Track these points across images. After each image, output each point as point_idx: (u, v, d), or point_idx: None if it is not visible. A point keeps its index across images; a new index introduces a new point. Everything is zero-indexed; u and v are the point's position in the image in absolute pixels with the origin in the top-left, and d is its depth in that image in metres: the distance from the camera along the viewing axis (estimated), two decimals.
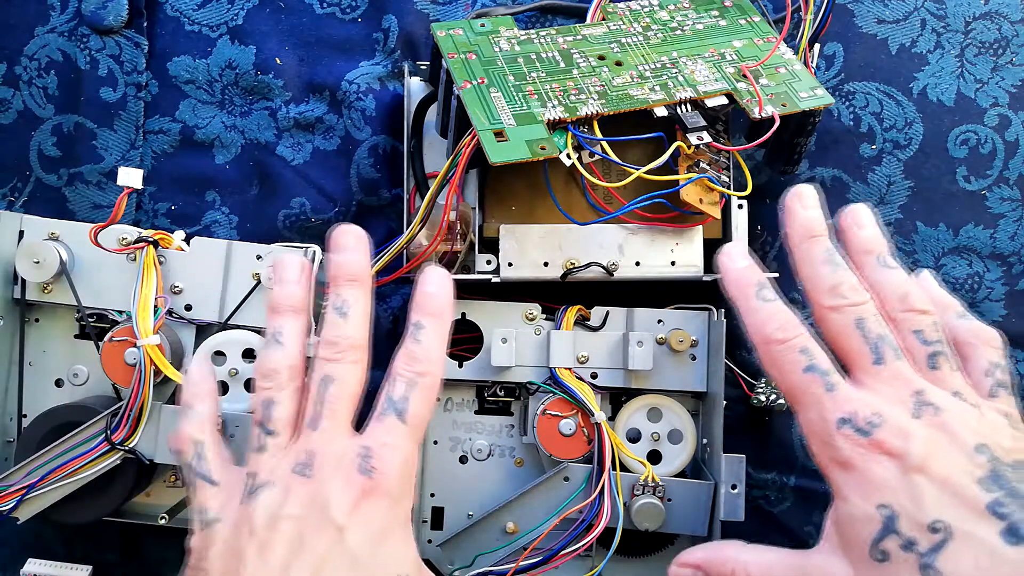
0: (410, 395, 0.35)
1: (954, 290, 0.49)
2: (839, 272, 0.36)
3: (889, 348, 0.34)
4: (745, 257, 0.38)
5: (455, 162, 0.40)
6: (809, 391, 0.34)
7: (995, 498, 0.30)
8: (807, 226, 0.37)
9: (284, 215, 0.49)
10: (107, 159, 0.49)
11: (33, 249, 0.43)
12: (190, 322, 0.44)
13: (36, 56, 0.49)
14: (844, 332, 0.35)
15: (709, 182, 0.43)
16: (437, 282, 0.37)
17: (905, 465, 0.31)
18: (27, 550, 0.48)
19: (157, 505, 0.47)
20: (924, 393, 0.33)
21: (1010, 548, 0.29)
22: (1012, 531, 0.29)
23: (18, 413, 0.45)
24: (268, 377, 0.36)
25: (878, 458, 0.32)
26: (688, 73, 0.43)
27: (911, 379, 0.34)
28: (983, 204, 0.49)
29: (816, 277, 0.36)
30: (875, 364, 0.34)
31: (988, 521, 0.30)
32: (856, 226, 0.37)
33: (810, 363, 0.34)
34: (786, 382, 0.35)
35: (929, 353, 0.35)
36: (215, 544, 0.33)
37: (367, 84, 0.49)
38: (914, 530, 0.30)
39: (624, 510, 0.43)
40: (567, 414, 0.44)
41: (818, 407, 0.34)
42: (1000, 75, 0.49)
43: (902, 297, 0.36)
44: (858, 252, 0.37)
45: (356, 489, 0.33)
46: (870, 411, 0.33)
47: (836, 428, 0.33)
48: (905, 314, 0.35)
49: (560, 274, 0.44)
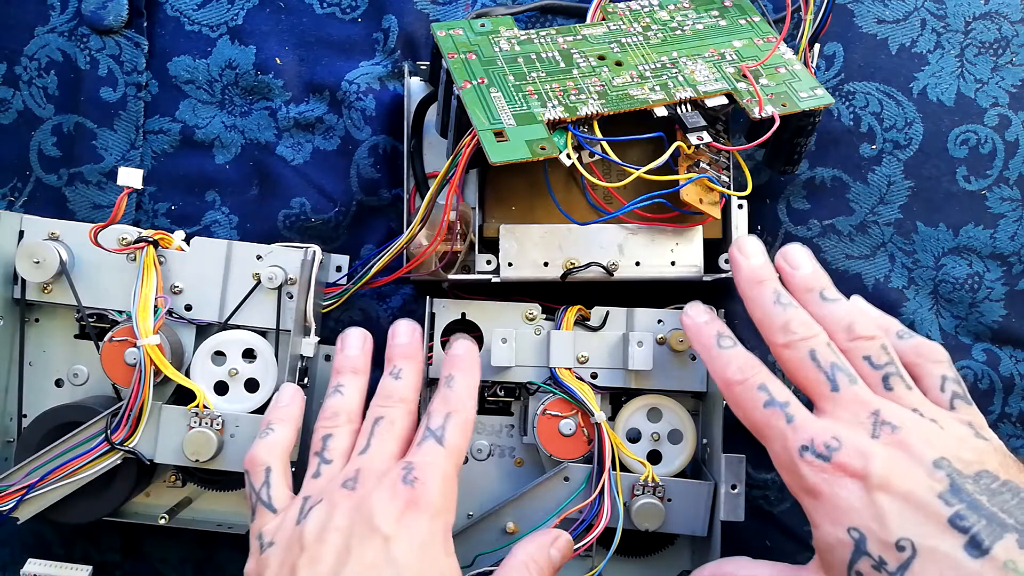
0: (447, 424, 0.38)
1: (954, 290, 0.49)
2: (788, 311, 0.37)
3: (843, 374, 0.35)
4: (705, 313, 0.41)
5: (455, 162, 0.40)
6: (770, 424, 0.35)
7: (956, 511, 0.30)
8: (752, 274, 0.39)
9: (284, 215, 0.49)
10: (107, 159, 0.49)
11: (33, 249, 0.43)
12: (190, 322, 0.44)
13: (36, 56, 0.49)
14: (800, 366, 0.36)
15: (709, 182, 0.43)
16: (463, 346, 0.42)
17: (868, 485, 0.32)
18: (27, 550, 0.48)
19: (157, 505, 0.46)
20: (881, 413, 0.34)
21: (973, 561, 0.29)
22: (974, 544, 0.30)
23: (18, 413, 0.45)
24: (329, 418, 0.40)
25: (842, 481, 0.33)
26: (688, 73, 0.43)
27: (868, 401, 0.34)
28: (983, 204, 0.49)
29: (767, 318, 0.38)
30: (832, 391, 0.35)
31: (951, 535, 0.30)
32: (791, 268, 0.39)
33: (769, 398, 0.36)
34: (750, 419, 0.36)
35: (882, 376, 0.36)
36: (270, 567, 0.35)
37: (367, 84, 0.49)
38: (882, 550, 0.31)
39: (624, 510, 0.43)
40: (567, 414, 0.44)
41: (781, 439, 0.35)
42: (1000, 75, 0.49)
43: (847, 328, 0.37)
44: (799, 291, 0.39)
45: (401, 500, 0.34)
46: (829, 435, 0.34)
47: (798, 456, 0.34)
48: (852, 343, 0.37)
49: (560, 274, 0.44)
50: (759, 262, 0.39)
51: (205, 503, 0.47)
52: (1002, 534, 0.30)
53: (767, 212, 0.49)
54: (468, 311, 0.46)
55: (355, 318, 0.50)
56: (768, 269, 0.39)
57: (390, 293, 0.50)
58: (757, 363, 0.37)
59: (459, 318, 0.46)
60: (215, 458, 0.42)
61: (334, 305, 0.47)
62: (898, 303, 0.49)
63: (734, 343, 0.38)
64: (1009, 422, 0.49)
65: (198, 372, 0.44)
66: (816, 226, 0.49)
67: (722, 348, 0.38)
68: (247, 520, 0.46)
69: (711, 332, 0.39)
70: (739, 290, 0.40)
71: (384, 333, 0.49)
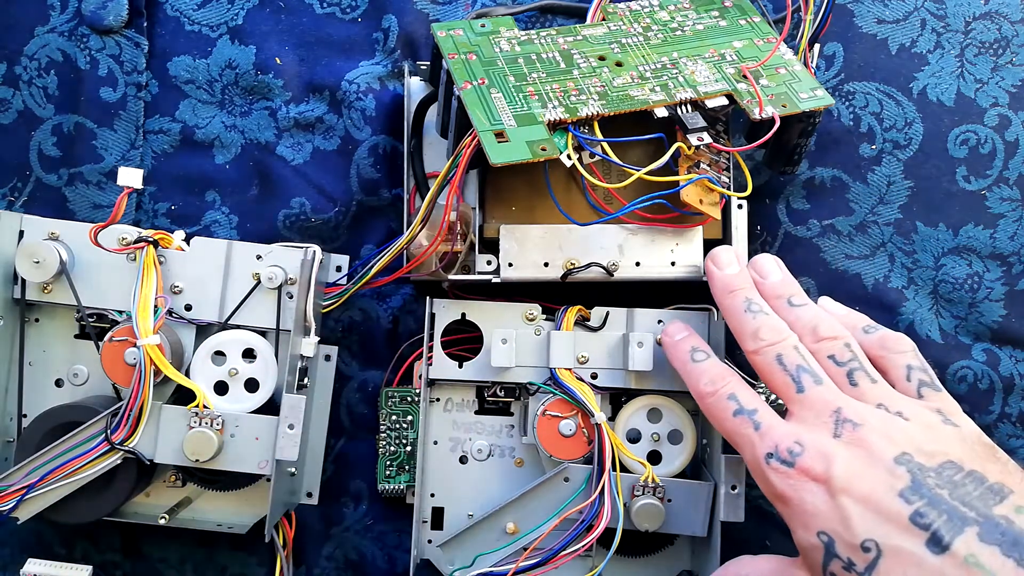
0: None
1: (954, 290, 0.49)
2: (758, 318, 0.38)
3: (808, 375, 0.36)
4: (683, 330, 0.42)
5: (455, 162, 0.40)
6: (740, 432, 0.36)
7: (916, 509, 0.31)
8: (724, 284, 0.40)
9: (284, 215, 0.49)
10: (107, 159, 0.49)
11: (33, 249, 0.43)
12: (190, 322, 0.44)
13: (36, 56, 0.49)
14: (769, 370, 0.37)
15: (709, 183, 0.43)
16: None
17: (831, 489, 0.32)
18: (27, 550, 0.48)
19: (157, 505, 0.47)
20: (842, 411, 0.34)
21: (935, 558, 0.30)
22: (935, 540, 0.30)
23: (18, 413, 0.45)
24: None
25: (807, 486, 0.33)
26: (688, 74, 0.43)
27: (830, 400, 0.35)
28: (983, 204, 0.49)
29: (740, 326, 0.39)
30: (798, 393, 0.36)
31: (912, 533, 0.30)
32: (761, 277, 0.41)
33: (738, 407, 0.36)
34: (723, 429, 0.37)
35: (846, 373, 0.36)
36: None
37: (367, 84, 0.49)
38: (850, 552, 0.31)
39: (624, 511, 0.43)
40: (567, 415, 0.44)
41: (749, 446, 0.35)
42: (1000, 75, 0.49)
43: (812, 330, 0.38)
44: (770, 299, 0.40)
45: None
46: (792, 440, 0.34)
47: (765, 463, 0.34)
48: (818, 344, 0.37)
49: (560, 274, 0.44)
50: (733, 272, 0.40)
51: (205, 503, 0.47)
52: (963, 528, 0.30)
53: (767, 212, 0.49)
54: (468, 311, 0.46)
55: (355, 318, 0.50)
56: (741, 279, 0.40)
57: (390, 293, 0.50)
58: (729, 373, 0.38)
59: (459, 318, 0.46)
60: (215, 458, 0.42)
61: (334, 305, 0.47)
62: (898, 303, 0.49)
63: (707, 356, 0.40)
64: (1009, 422, 0.49)
65: (198, 372, 0.44)
66: (816, 226, 0.49)
67: (696, 362, 0.39)
68: (247, 520, 0.46)
69: (686, 348, 0.40)
70: (716, 300, 0.41)
71: (384, 333, 0.50)
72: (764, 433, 0.35)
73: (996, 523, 0.30)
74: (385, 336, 0.50)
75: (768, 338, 0.37)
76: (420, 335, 0.48)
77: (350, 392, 0.50)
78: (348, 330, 0.50)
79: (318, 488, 0.49)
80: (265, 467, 0.43)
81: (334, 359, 0.49)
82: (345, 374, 0.50)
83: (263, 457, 0.43)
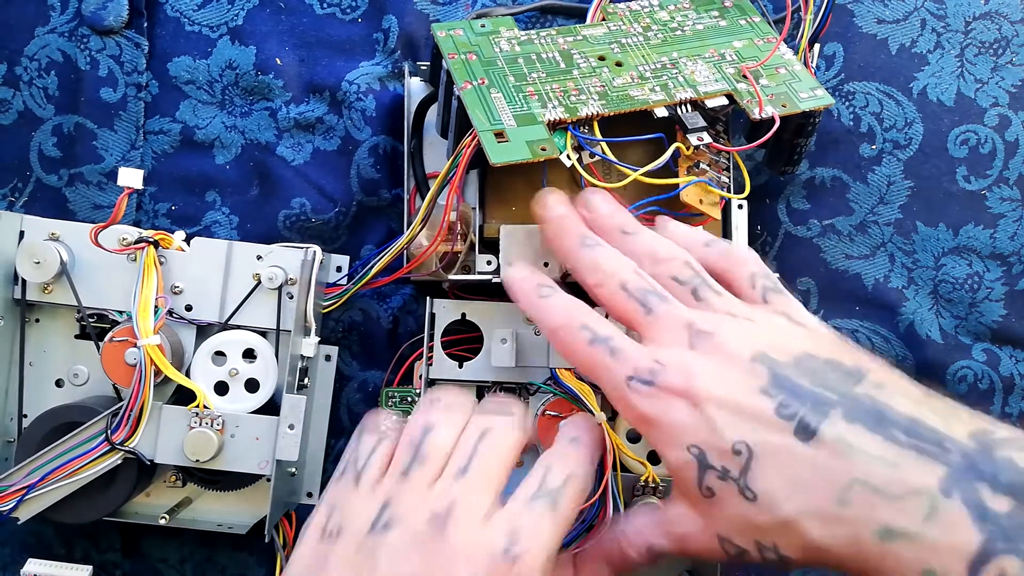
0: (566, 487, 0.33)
1: (954, 290, 0.49)
2: (595, 250, 0.37)
3: (654, 296, 0.35)
4: (524, 269, 0.39)
5: (455, 163, 0.40)
6: (596, 361, 0.34)
7: (780, 402, 0.30)
8: (556, 225, 0.39)
9: (284, 215, 0.49)
10: (107, 159, 0.49)
11: (33, 249, 0.43)
12: (190, 322, 0.44)
13: (36, 56, 0.49)
14: (614, 300, 0.36)
15: (707, 186, 0.43)
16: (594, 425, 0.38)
17: (694, 400, 0.32)
18: (27, 550, 0.48)
19: (157, 505, 0.47)
20: (694, 323, 0.34)
21: (806, 446, 0.30)
22: (803, 428, 0.30)
23: (18, 413, 0.45)
24: None
25: (670, 402, 0.32)
26: (688, 74, 0.43)
27: (680, 315, 0.34)
28: (983, 204, 0.49)
29: (578, 263, 0.37)
30: (647, 315, 0.35)
31: (779, 427, 0.30)
32: (590, 213, 0.39)
33: (592, 336, 0.35)
34: (578, 362, 0.35)
35: (691, 290, 0.35)
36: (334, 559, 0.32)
37: (367, 84, 0.49)
38: (722, 459, 0.31)
39: (625, 510, 0.43)
40: (567, 415, 0.44)
41: (608, 373, 0.34)
42: (1000, 75, 0.49)
43: (651, 255, 0.37)
44: (603, 232, 0.38)
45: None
46: (651, 360, 0.33)
47: (626, 387, 0.33)
48: (658, 267, 0.36)
49: (560, 275, 0.44)
50: (562, 212, 0.39)
51: (205, 503, 0.47)
52: (827, 412, 0.30)
53: (767, 212, 0.49)
54: (468, 311, 0.46)
55: (355, 318, 0.50)
56: (571, 219, 0.39)
57: (390, 293, 0.50)
58: (579, 304, 0.36)
59: (459, 318, 0.46)
60: (215, 458, 0.42)
61: (334, 305, 0.48)
62: (898, 303, 0.49)
63: (554, 290, 0.37)
64: (1009, 422, 0.48)
65: (198, 372, 0.44)
66: (816, 226, 0.49)
67: (543, 297, 0.37)
68: (247, 520, 0.46)
69: (531, 285, 0.38)
70: (548, 245, 0.40)
71: (384, 333, 0.50)
72: (622, 358, 0.34)
73: (859, 401, 0.30)
74: (385, 336, 0.50)
75: (608, 268, 0.36)
76: (420, 335, 0.48)
77: (350, 392, 0.50)
78: (348, 330, 0.50)
79: (318, 488, 0.49)
80: (265, 467, 0.43)
81: (334, 359, 0.49)
82: (345, 374, 0.50)
83: (263, 457, 0.43)
